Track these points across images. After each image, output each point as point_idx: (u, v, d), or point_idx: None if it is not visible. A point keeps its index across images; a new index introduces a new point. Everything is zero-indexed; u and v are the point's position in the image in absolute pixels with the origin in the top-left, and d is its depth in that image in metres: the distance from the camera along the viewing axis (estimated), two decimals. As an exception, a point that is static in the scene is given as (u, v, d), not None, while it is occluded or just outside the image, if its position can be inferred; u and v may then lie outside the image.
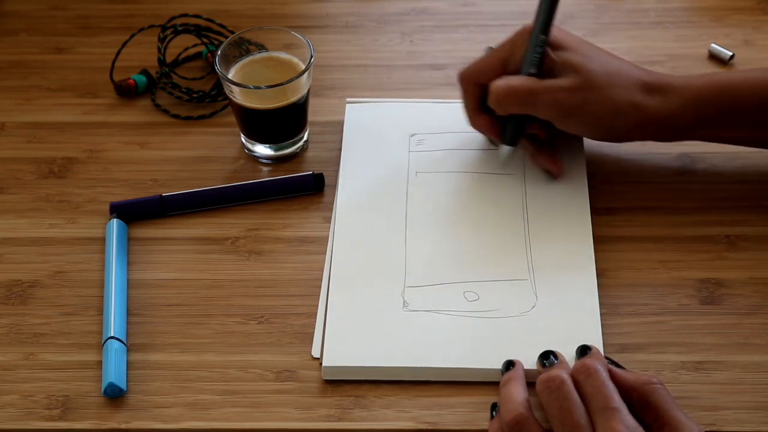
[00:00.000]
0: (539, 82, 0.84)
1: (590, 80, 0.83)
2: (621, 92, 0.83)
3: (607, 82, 0.83)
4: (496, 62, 0.86)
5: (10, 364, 0.80)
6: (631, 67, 0.86)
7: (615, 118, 0.84)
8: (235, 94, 0.90)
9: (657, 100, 0.83)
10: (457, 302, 0.82)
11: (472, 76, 0.87)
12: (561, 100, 0.83)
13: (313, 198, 0.91)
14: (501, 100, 0.84)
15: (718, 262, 0.84)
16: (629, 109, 0.83)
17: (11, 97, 1.00)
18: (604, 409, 0.70)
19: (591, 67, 0.83)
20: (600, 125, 0.85)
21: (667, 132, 0.85)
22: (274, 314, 0.83)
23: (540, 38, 0.84)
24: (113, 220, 0.88)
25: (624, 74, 0.84)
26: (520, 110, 0.85)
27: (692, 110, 0.84)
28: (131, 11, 1.07)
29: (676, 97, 0.84)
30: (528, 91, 0.83)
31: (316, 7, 1.08)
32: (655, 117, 0.84)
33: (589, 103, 0.83)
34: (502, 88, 0.84)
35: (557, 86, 0.83)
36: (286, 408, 0.77)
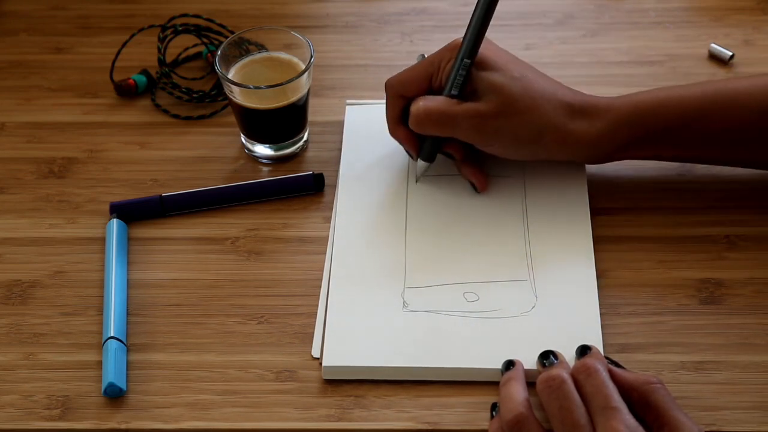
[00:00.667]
0: (458, 106, 0.83)
1: (510, 104, 0.82)
2: (542, 115, 0.82)
3: (528, 105, 0.82)
4: (421, 76, 0.86)
5: (10, 364, 0.80)
6: (556, 88, 0.85)
7: (535, 141, 0.83)
8: (235, 94, 0.90)
9: (581, 124, 0.83)
10: (457, 303, 0.82)
11: (397, 86, 0.87)
12: (480, 125, 0.83)
13: (313, 198, 0.91)
14: (420, 122, 0.84)
15: (718, 262, 0.84)
16: (550, 133, 0.83)
17: (11, 97, 1.00)
18: (605, 408, 0.70)
19: (513, 89, 0.82)
20: (520, 147, 0.84)
21: (591, 154, 0.85)
22: (274, 314, 0.83)
23: (464, 62, 0.83)
24: (113, 220, 0.88)
25: (548, 96, 0.83)
26: (438, 133, 0.85)
27: (617, 133, 0.83)
28: (131, 11, 1.07)
29: (599, 121, 0.83)
30: (446, 114, 0.83)
31: (316, 7, 1.08)
32: (579, 140, 0.83)
33: (507, 128, 0.82)
34: (421, 110, 0.84)
35: (476, 111, 0.82)
36: (286, 408, 0.77)
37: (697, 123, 0.83)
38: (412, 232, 0.86)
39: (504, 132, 0.83)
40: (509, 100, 0.82)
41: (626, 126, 0.83)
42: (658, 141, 0.84)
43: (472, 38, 0.83)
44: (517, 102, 0.82)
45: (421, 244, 0.86)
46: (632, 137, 0.83)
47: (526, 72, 0.84)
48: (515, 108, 0.82)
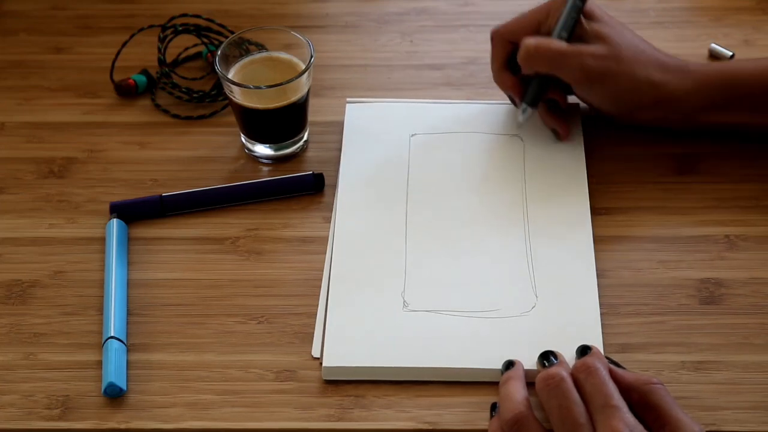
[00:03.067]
0: (569, 45, 0.87)
1: (616, 52, 0.87)
2: (641, 69, 0.87)
3: (631, 57, 0.87)
4: (530, 23, 0.90)
5: (10, 364, 0.80)
6: (653, 49, 0.89)
7: (632, 93, 0.87)
8: (235, 94, 0.90)
9: (673, 80, 0.87)
10: (458, 302, 0.82)
11: (505, 33, 0.90)
12: (587, 65, 0.86)
13: (313, 198, 0.91)
14: (530, 57, 0.87)
15: (718, 262, 0.84)
16: (646, 86, 0.87)
17: (11, 97, 1.00)
18: (604, 407, 0.70)
19: (618, 40, 0.87)
20: (617, 97, 0.88)
21: (678, 112, 0.89)
22: (274, 314, 0.83)
23: (577, 4, 0.87)
24: (113, 220, 0.88)
25: (647, 53, 0.88)
26: (547, 70, 0.88)
27: (704, 92, 0.87)
28: (131, 11, 1.07)
29: (690, 79, 0.87)
30: (557, 51, 0.87)
31: (316, 7, 1.08)
32: (669, 95, 0.87)
33: (612, 73, 0.87)
34: (532, 46, 0.87)
35: (586, 51, 0.87)
36: (286, 408, 0.77)
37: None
38: (412, 231, 0.86)
39: (607, 77, 0.87)
40: (616, 49, 0.87)
41: (711, 87, 0.87)
42: (740, 106, 0.88)
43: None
44: (621, 52, 0.87)
45: (421, 244, 0.86)
46: (716, 99, 0.87)
47: (627, 30, 0.89)
48: (619, 56, 0.86)
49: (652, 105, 0.88)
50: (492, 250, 0.85)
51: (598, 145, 0.92)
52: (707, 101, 0.88)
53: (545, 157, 0.91)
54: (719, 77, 0.88)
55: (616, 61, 0.87)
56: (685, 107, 0.88)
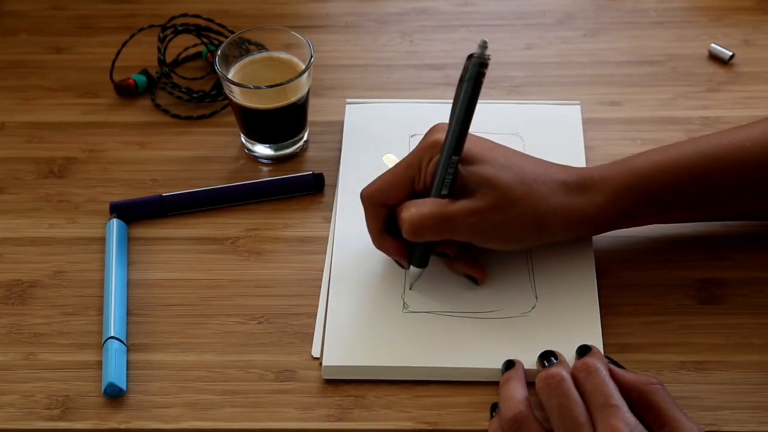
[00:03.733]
0: (453, 206, 0.77)
1: (508, 195, 0.77)
2: (540, 200, 0.78)
3: (524, 192, 0.77)
4: (401, 181, 0.80)
5: (10, 364, 0.80)
6: (546, 168, 0.80)
7: (539, 228, 0.79)
8: (235, 94, 0.90)
9: (580, 200, 0.79)
10: (458, 303, 0.82)
11: (377, 197, 0.80)
12: (479, 223, 0.77)
13: (313, 198, 0.91)
14: (416, 230, 0.78)
15: (718, 262, 0.84)
16: (552, 215, 0.78)
17: (11, 97, 1.00)
18: (604, 406, 0.70)
19: (506, 180, 0.77)
20: (524, 238, 0.80)
21: (594, 228, 0.82)
22: (274, 314, 0.83)
23: (452, 159, 0.77)
24: (113, 220, 0.88)
25: (543, 178, 0.79)
26: (436, 238, 0.79)
27: (616, 204, 0.79)
28: (131, 11, 1.07)
29: (597, 194, 0.79)
30: (442, 217, 0.77)
31: (316, 7, 1.08)
32: (580, 217, 0.79)
33: (509, 220, 0.77)
34: (416, 217, 0.77)
35: (473, 208, 0.77)
36: (286, 408, 0.77)
37: (698, 184, 0.79)
38: (412, 232, 0.86)
39: (506, 225, 0.78)
40: (505, 191, 0.77)
41: (626, 195, 0.79)
42: (659, 206, 0.80)
43: (457, 133, 0.77)
44: (513, 191, 0.77)
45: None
46: (633, 205, 0.80)
47: (512, 158, 0.80)
48: (513, 198, 0.77)
49: (563, 230, 0.79)
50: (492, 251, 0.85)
51: (598, 146, 0.92)
52: (622, 211, 0.79)
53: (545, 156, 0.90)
54: (629, 184, 0.79)
55: (508, 207, 0.77)
56: (601, 222, 0.80)
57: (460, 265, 0.82)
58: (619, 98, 0.97)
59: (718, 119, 0.94)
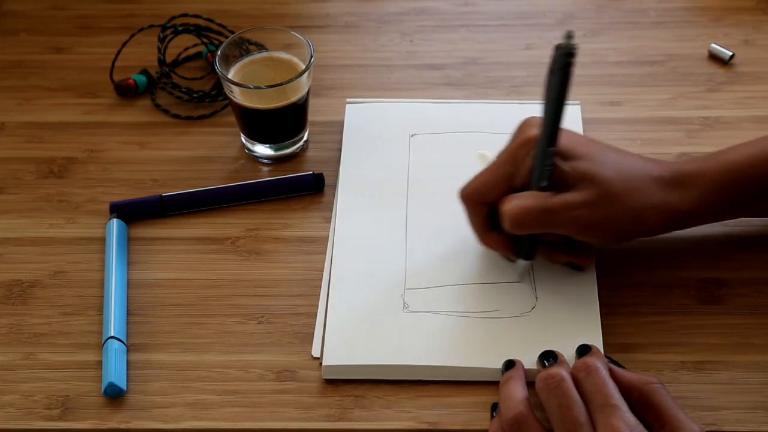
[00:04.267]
0: (554, 199, 0.78)
1: (608, 190, 0.77)
2: (639, 197, 0.78)
3: (624, 187, 0.78)
4: (499, 179, 0.80)
5: (10, 364, 0.80)
6: (643, 163, 0.81)
7: (637, 223, 0.79)
8: (235, 94, 0.90)
9: (676, 196, 0.79)
10: (458, 303, 0.82)
11: (476, 195, 0.81)
12: (581, 216, 0.77)
13: (313, 198, 0.91)
14: (519, 223, 0.78)
15: (718, 262, 0.84)
16: (650, 212, 0.79)
17: (11, 97, 1.00)
18: (604, 406, 0.70)
19: (606, 175, 0.78)
20: (622, 232, 0.80)
21: (690, 222, 0.81)
22: (274, 314, 0.83)
23: (549, 150, 0.77)
24: (113, 220, 0.88)
25: (640, 174, 0.79)
26: (538, 230, 0.79)
27: (711, 199, 0.80)
28: (131, 11, 1.07)
29: (694, 189, 0.79)
30: (544, 210, 0.77)
31: (316, 7, 1.08)
32: (677, 214, 0.79)
33: (610, 215, 0.78)
34: (517, 212, 0.78)
35: (575, 202, 0.77)
36: (286, 408, 0.77)
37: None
38: (413, 232, 0.86)
39: (606, 219, 0.78)
40: (606, 187, 0.77)
41: (722, 190, 0.79)
42: (756, 200, 0.81)
43: (552, 124, 0.77)
44: (613, 186, 0.77)
45: (421, 245, 0.86)
46: (729, 199, 0.80)
47: (608, 153, 0.80)
48: (613, 193, 0.77)
49: (660, 225, 0.80)
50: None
51: (598, 145, 0.92)
52: (717, 206, 0.80)
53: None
54: (723, 178, 0.79)
55: (609, 202, 0.77)
56: (695, 217, 0.81)
57: (560, 256, 0.83)
58: (619, 98, 0.97)
59: (718, 119, 0.94)
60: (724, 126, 0.94)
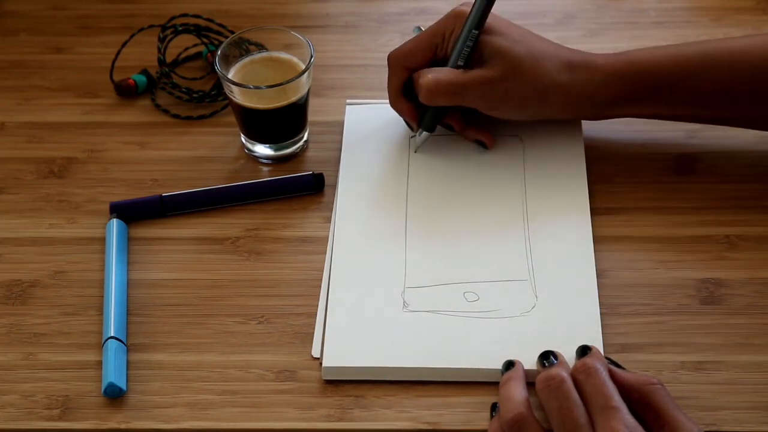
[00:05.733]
0: (465, 75, 0.85)
1: (516, 66, 0.84)
2: (544, 74, 0.85)
3: (532, 65, 0.85)
4: (425, 47, 0.88)
5: (10, 364, 0.80)
6: (557, 48, 0.87)
7: (540, 101, 0.86)
8: (235, 94, 0.90)
9: (580, 77, 0.85)
10: (458, 303, 0.82)
11: (401, 58, 0.88)
12: (488, 91, 0.85)
13: (313, 198, 0.91)
14: (430, 94, 0.86)
15: (718, 262, 0.84)
16: (553, 90, 0.85)
17: (11, 97, 1.00)
18: (604, 408, 0.70)
19: (517, 52, 0.85)
20: (526, 109, 0.87)
21: (591, 108, 0.87)
22: (274, 314, 0.83)
23: (473, 33, 0.85)
24: (113, 220, 0.88)
25: (549, 55, 0.86)
26: (448, 103, 0.87)
27: (613, 86, 0.85)
28: (131, 11, 1.07)
29: (598, 74, 0.85)
30: (456, 84, 0.85)
31: (316, 7, 1.08)
32: (578, 94, 0.86)
33: (514, 90, 0.85)
34: (432, 83, 0.85)
35: (484, 78, 0.85)
36: (286, 408, 0.77)
37: (691, 80, 0.85)
38: (412, 232, 0.86)
39: (511, 94, 0.85)
40: (515, 63, 0.84)
41: (621, 80, 0.85)
42: (652, 97, 0.86)
43: (481, 9, 0.85)
44: (522, 63, 0.84)
45: (421, 244, 0.86)
46: (627, 92, 0.86)
47: (526, 35, 0.87)
48: (521, 69, 0.84)
49: (562, 106, 0.87)
50: (492, 250, 0.85)
51: (597, 145, 0.92)
52: (617, 95, 0.86)
53: (545, 156, 0.91)
54: (628, 69, 0.85)
55: (515, 77, 0.84)
56: (595, 102, 0.86)
57: (471, 132, 0.90)
58: (619, 98, 0.97)
59: (718, 119, 0.94)
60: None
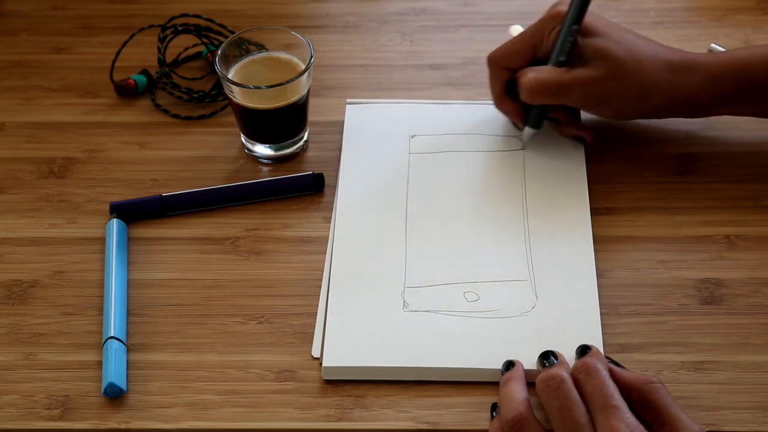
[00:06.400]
0: (568, 74, 0.86)
1: (618, 68, 0.85)
2: (646, 76, 0.85)
3: (634, 67, 0.85)
4: (525, 47, 0.89)
5: (10, 364, 0.80)
6: (657, 47, 0.87)
7: (642, 102, 0.86)
8: (235, 94, 0.90)
9: (681, 79, 0.86)
10: (458, 303, 0.82)
11: (501, 60, 0.89)
12: (590, 91, 0.86)
13: (313, 198, 0.91)
14: (532, 93, 0.87)
15: (718, 262, 0.84)
16: (655, 91, 0.85)
17: (11, 97, 1.00)
18: (604, 407, 0.70)
19: (619, 53, 0.85)
20: (627, 109, 0.88)
21: (692, 109, 0.88)
22: (274, 314, 0.83)
23: (572, 29, 0.86)
24: (113, 220, 0.88)
25: (650, 56, 0.86)
26: (550, 102, 0.88)
27: (716, 86, 0.86)
28: (131, 11, 1.07)
29: (699, 75, 0.86)
30: (558, 84, 0.86)
31: (316, 7, 1.08)
32: (680, 95, 0.86)
33: (617, 91, 0.85)
34: (533, 82, 0.86)
35: (587, 77, 0.85)
36: (286, 408, 0.77)
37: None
38: (412, 232, 0.86)
39: (613, 95, 0.86)
40: (617, 64, 0.85)
41: (722, 80, 0.86)
42: (754, 96, 0.86)
43: (579, 5, 0.85)
44: (624, 65, 0.85)
45: (421, 244, 0.86)
46: (728, 92, 0.86)
47: (626, 35, 0.87)
48: (623, 71, 0.85)
49: (663, 107, 0.87)
50: (492, 250, 0.85)
51: (598, 145, 0.92)
52: (720, 95, 0.86)
53: (545, 157, 0.91)
54: (731, 69, 0.86)
55: (618, 78, 0.85)
56: (698, 103, 0.87)
57: (570, 129, 0.91)
58: (619, 98, 0.97)
59: (719, 119, 0.94)
60: (725, 125, 0.94)
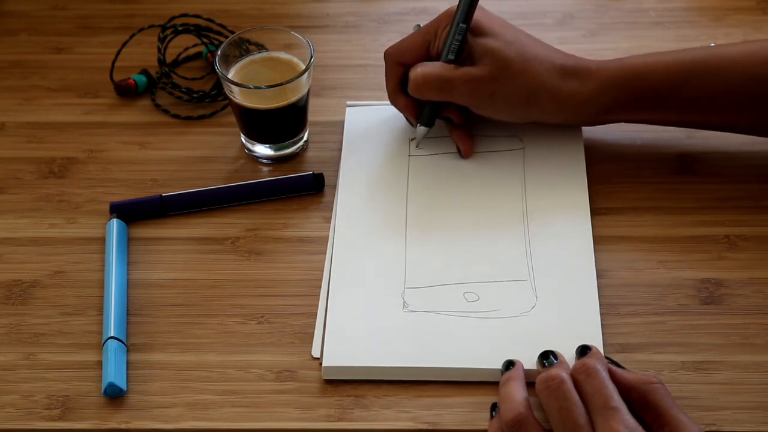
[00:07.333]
0: (455, 71, 0.86)
1: (506, 68, 0.84)
2: (535, 77, 0.85)
3: (522, 68, 0.84)
4: (419, 44, 0.89)
5: (10, 364, 0.80)
6: (549, 51, 0.87)
7: (529, 103, 0.86)
8: (235, 94, 0.90)
9: (572, 84, 0.85)
10: (458, 303, 0.82)
11: (395, 55, 0.89)
12: (476, 89, 0.85)
13: (313, 198, 0.91)
14: (419, 87, 0.87)
15: (718, 262, 0.84)
16: (543, 94, 0.85)
17: (11, 97, 1.00)
18: (604, 408, 0.70)
19: (507, 53, 0.85)
20: (514, 110, 0.87)
21: (582, 115, 0.87)
22: (274, 314, 0.83)
23: (460, 27, 0.86)
24: (113, 220, 0.88)
25: (541, 59, 0.85)
26: (436, 98, 0.87)
27: (608, 93, 0.85)
28: (131, 11, 1.07)
29: (592, 81, 0.85)
30: (443, 79, 0.86)
31: (316, 7, 1.08)
32: (570, 100, 0.85)
33: (503, 91, 0.85)
34: (420, 76, 0.86)
35: (472, 75, 0.85)
36: (286, 408, 0.77)
37: (685, 88, 0.85)
38: (412, 232, 0.86)
39: (499, 95, 0.85)
40: (504, 64, 0.84)
41: (614, 88, 0.85)
42: (645, 104, 0.86)
43: (467, 3, 0.85)
44: (511, 65, 0.84)
45: (421, 244, 0.86)
46: (620, 99, 0.85)
47: (519, 36, 0.87)
48: (510, 71, 0.84)
49: (552, 111, 0.87)
50: (492, 250, 0.85)
51: (598, 145, 0.92)
52: (611, 102, 0.86)
53: (545, 157, 0.91)
54: (622, 76, 0.85)
55: (504, 78, 0.84)
56: (590, 109, 0.86)
57: (456, 133, 0.90)
58: (619, 98, 0.97)
59: (718, 119, 0.94)
60: (724, 126, 0.94)
